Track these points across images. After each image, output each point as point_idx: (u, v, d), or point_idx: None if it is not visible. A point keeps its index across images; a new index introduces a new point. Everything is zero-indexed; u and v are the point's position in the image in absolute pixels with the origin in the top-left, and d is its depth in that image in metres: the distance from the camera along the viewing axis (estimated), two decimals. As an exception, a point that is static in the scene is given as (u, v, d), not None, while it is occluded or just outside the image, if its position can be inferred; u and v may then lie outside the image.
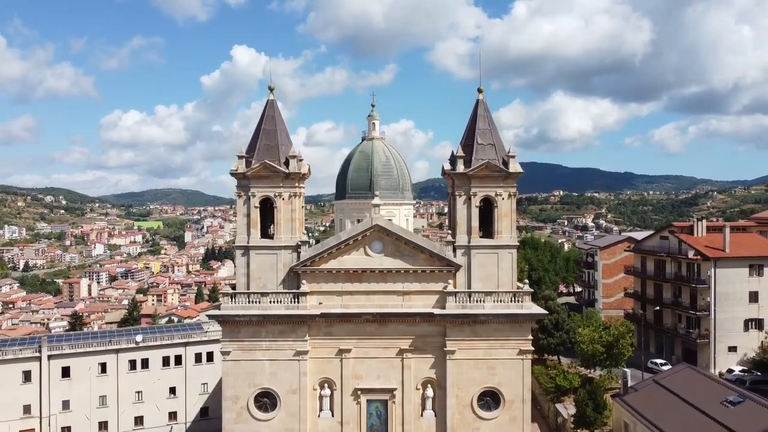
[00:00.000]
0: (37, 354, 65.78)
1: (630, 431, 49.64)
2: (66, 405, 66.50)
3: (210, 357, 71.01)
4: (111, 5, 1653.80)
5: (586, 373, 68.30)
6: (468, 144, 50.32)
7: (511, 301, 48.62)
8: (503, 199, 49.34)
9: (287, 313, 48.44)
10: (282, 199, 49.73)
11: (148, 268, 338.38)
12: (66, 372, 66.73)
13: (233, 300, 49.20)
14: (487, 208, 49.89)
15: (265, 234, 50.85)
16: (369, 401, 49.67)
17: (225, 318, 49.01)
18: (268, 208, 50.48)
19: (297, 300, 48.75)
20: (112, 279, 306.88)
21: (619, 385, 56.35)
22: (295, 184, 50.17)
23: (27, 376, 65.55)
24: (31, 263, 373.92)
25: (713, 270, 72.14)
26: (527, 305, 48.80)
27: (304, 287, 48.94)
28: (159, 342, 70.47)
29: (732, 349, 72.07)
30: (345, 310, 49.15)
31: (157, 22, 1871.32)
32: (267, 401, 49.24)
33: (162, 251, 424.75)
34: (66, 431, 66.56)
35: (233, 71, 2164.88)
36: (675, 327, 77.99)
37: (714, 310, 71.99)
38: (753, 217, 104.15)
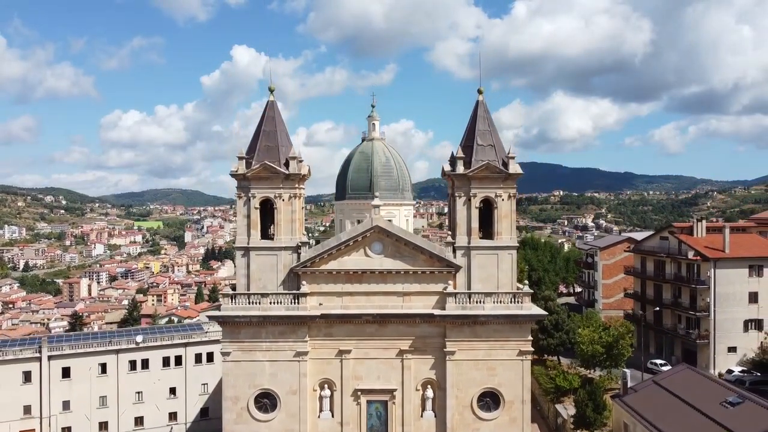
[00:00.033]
0: (38, 354, 65.83)
1: (630, 432, 49.76)
2: (66, 405, 66.56)
3: (210, 357, 71.08)
4: (111, 5, 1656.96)
5: (585, 374, 68.39)
6: (468, 145, 50.38)
7: (511, 302, 48.66)
8: (503, 200, 49.42)
9: (287, 314, 48.51)
10: (282, 200, 49.80)
11: (148, 268, 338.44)
12: (66, 372, 66.78)
13: (233, 301, 49.26)
14: (487, 209, 49.95)
15: (266, 235, 50.89)
16: (369, 402, 49.71)
17: (225, 319, 49.08)
18: (268, 209, 50.55)
19: (297, 301, 48.83)
20: (112, 279, 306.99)
21: (619, 386, 56.41)
22: (295, 185, 50.23)
23: (27, 376, 65.60)
24: (31, 263, 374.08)
25: (713, 270, 72.25)
26: (527, 306, 48.85)
27: (304, 288, 49.02)
28: (159, 342, 70.49)
29: (732, 350, 72.22)
30: (345, 311, 49.21)
31: (157, 22, 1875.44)
32: (267, 402, 49.29)
33: (162, 251, 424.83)
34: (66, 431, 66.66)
35: (233, 71, 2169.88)
36: (675, 327, 78.09)
37: (714, 310, 72.11)
38: (753, 218, 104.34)
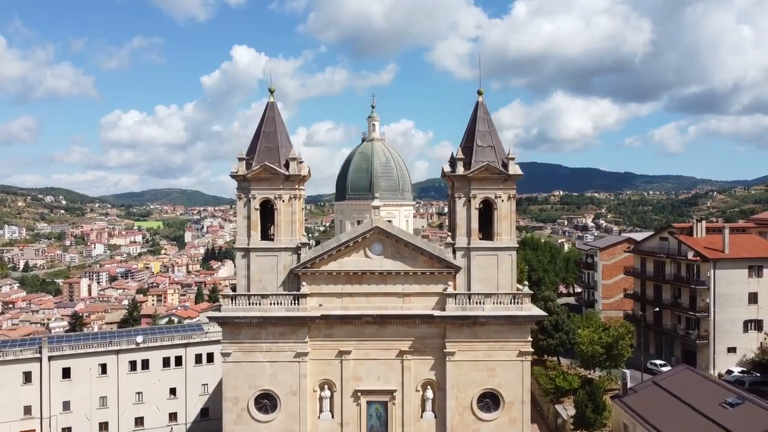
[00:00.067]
0: (38, 355, 65.82)
1: (629, 432, 49.81)
2: (66, 406, 66.53)
3: (210, 358, 71.10)
4: (111, 5, 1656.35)
5: (585, 374, 68.48)
6: (467, 146, 50.43)
7: (511, 303, 48.69)
8: (503, 201, 49.47)
9: (287, 315, 48.55)
10: (282, 201, 49.84)
11: (148, 268, 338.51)
12: (66, 373, 66.75)
13: (233, 302, 49.30)
14: (487, 209, 49.99)
15: (266, 236, 50.91)
16: (369, 403, 49.75)
17: (225, 320, 49.12)
18: (268, 209, 50.60)
19: (297, 302, 48.88)
20: (112, 279, 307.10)
21: (619, 387, 56.49)
22: (295, 186, 50.28)
23: (27, 377, 65.57)
24: (31, 263, 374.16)
25: (713, 271, 72.33)
26: (527, 307, 48.90)
27: (304, 289, 49.08)
28: (159, 343, 70.45)
29: (731, 350, 72.31)
30: (345, 311, 49.26)
31: (157, 22, 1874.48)
32: (267, 403, 49.33)
33: (162, 251, 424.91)
34: (66, 432, 66.73)
35: (233, 71, 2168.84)
36: (674, 328, 78.14)
37: (713, 311, 72.20)
38: (752, 218, 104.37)
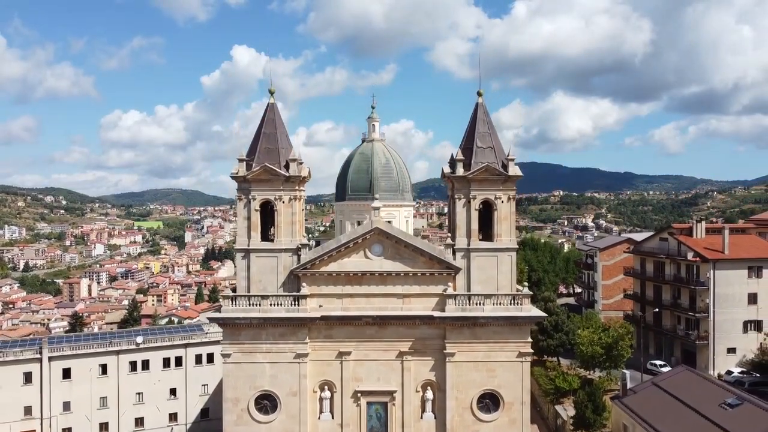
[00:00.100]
0: (38, 355, 65.92)
1: (629, 433, 49.85)
2: (67, 406, 66.64)
3: (210, 358, 71.18)
4: (111, 5, 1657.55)
5: (585, 375, 68.54)
6: (467, 147, 50.45)
7: (511, 304, 48.71)
8: (503, 202, 49.50)
9: (287, 316, 48.58)
10: (282, 203, 49.87)
11: (148, 268, 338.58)
12: (67, 373, 66.87)
13: (234, 303, 49.33)
14: (487, 210, 49.99)
15: (266, 237, 50.92)
16: (369, 403, 49.76)
17: (226, 321, 49.14)
18: (268, 210, 50.62)
19: (297, 303, 48.91)
20: (112, 279, 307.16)
21: (619, 387, 56.54)
22: (296, 187, 50.30)
23: (28, 377, 65.70)
24: (31, 263, 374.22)
25: (712, 271, 72.38)
26: (526, 308, 48.92)
27: (304, 290, 49.11)
28: (159, 343, 70.57)
29: (731, 351, 72.36)
30: (345, 312, 49.27)
31: (157, 22, 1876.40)
32: (267, 403, 49.34)
33: (162, 251, 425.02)
34: (66, 432, 66.78)
35: (233, 71, 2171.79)
36: (674, 328, 78.19)
37: (713, 311, 72.24)
38: (752, 219, 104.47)
